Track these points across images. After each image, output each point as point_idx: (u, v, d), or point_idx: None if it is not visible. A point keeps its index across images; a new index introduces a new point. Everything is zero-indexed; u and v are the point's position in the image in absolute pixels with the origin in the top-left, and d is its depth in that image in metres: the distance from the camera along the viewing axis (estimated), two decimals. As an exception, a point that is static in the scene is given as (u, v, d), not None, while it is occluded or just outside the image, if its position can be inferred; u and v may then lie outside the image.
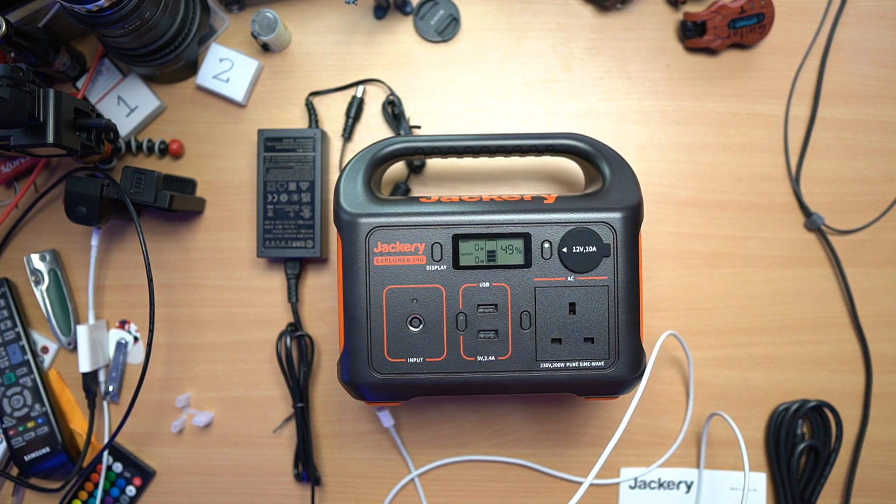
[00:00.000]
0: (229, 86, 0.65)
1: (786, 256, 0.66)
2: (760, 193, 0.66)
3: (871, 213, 0.66)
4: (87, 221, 0.60)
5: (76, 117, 0.55)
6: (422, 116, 0.66)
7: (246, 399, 0.65)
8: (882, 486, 0.66)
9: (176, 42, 0.62)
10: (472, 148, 0.56)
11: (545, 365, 0.51)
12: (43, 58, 0.59)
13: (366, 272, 0.51)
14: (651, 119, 0.66)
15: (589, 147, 0.55)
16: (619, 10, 0.66)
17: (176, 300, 0.66)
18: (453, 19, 0.66)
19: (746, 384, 0.65)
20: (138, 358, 0.66)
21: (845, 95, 0.66)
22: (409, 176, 0.66)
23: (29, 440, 0.63)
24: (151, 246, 0.65)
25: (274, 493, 0.66)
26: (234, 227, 0.66)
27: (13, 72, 0.49)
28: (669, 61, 0.66)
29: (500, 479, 0.65)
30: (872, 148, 0.66)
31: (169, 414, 0.66)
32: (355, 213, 0.52)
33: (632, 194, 0.53)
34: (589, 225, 0.52)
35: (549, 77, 0.66)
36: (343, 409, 0.65)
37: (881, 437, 0.66)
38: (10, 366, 0.63)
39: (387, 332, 0.51)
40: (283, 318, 0.65)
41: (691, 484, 0.65)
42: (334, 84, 0.66)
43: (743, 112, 0.66)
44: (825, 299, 0.66)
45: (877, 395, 0.65)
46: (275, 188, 0.63)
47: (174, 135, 0.66)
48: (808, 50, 0.66)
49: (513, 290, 0.51)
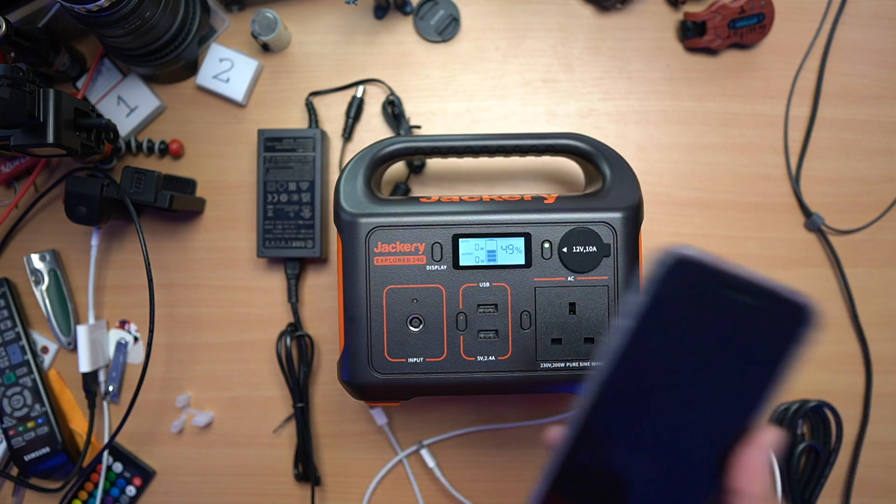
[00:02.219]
0: (229, 86, 0.65)
1: (786, 256, 0.66)
2: (760, 193, 0.66)
3: (871, 213, 0.66)
4: (87, 221, 0.60)
5: (76, 117, 0.55)
6: (422, 116, 0.66)
7: (246, 399, 0.65)
8: (882, 486, 0.66)
9: (176, 42, 0.62)
10: (472, 148, 0.56)
11: (545, 365, 0.51)
12: (43, 58, 0.59)
13: (366, 272, 0.51)
14: (651, 119, 0.66)
15: (589, 147, 0.55)
16: (619, 10, 0.66)
17: (176, 300, 0.66)
18: (453, 19, 0.66)
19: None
20: (138, 358, 0.66)
21: (845, 95, 0.66)
22: (409, 176, 0.66)
23: (29, 440, 0.62)
24: (151, 246, 0.65)
25: (274, 493, 0.66)
26: (234, 227, 0.66)
27: (13, 72, 0.49)
28: (669, 61, 0.66)
29: (500, 478, 0.65)
30: (872, 148, 0.66)
31: (169, 414, 0.66)
32: (355, 213, 0.52)
33: (632, 194, 0.53)
34: (589, 225, 0.52)
35: (549, 77, 0.66)
36: (343, 409, 0.65)
37: (881, 437, 0.65)
38: (10, 366, 0.63)
39: (387, 332, 0.51)
40: (283, 318, 0.65)
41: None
42: (334, 84, 0.66)
43: (743, 112, 0.66)
44: (825, 299, 0.66)
45: (877, 395, 0.65)
46: (275, 188, 0.63)
47: (174, 135, 0.66)
48: (808, 50, 0.66)
49: (513, 290, 0.51)
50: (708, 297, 0.32)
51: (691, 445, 0.33)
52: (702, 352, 0.32)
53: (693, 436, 0.33)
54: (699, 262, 0.32)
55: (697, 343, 0.32)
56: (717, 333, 0.32)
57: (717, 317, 0.32)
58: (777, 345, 0.32)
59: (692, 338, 0.32)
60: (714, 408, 0.32)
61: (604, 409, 0.33)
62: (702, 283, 0.32)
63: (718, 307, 0.32)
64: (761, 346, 0.32)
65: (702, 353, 0.32)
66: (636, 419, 0.33)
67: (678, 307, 0.32)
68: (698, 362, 0.32)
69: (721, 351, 0.32)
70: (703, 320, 0.32)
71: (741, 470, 0.31)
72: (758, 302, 0.32)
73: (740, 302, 0.32)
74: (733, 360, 0.32)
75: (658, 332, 0.32)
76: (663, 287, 0.32)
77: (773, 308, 0.32)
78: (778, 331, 0.32)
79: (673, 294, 0.32)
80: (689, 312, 0.32)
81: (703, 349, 0.32)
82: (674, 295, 0.32)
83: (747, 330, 0.32)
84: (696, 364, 0.32)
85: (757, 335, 0.32)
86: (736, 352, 0.32)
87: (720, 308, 0.32)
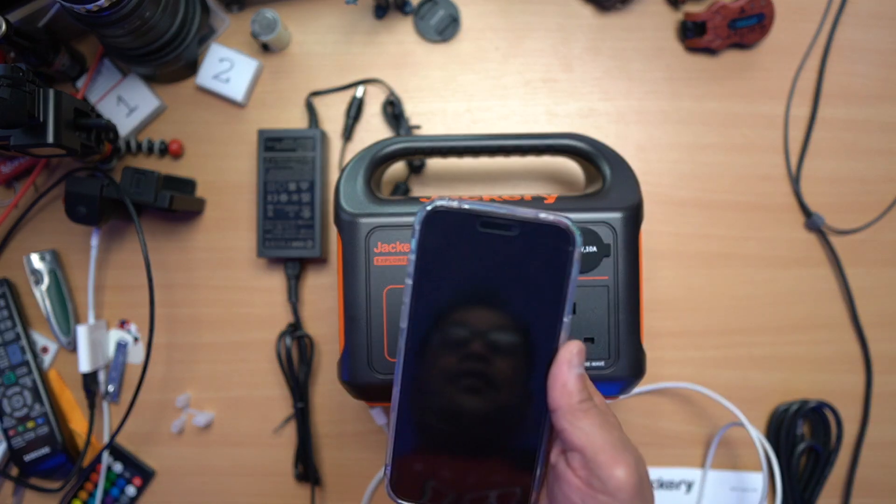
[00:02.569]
0: (229, 86, 0.65)
1: (786, 256, 0.66)
2: (760, 193, 0.66)
3: (871, 213, 0.66)
4: (87, 221, 0.60)
5: (76, 117, 0.55)
6: (422, 116, 0.66)
7: (246, 399, 0.65)
8: (882, 486, 0.66)
9: (176, 42, 0.62)
10: (472, 148, 0.56)
11: (545, 365, 0.51)
12: (43, 58, 0.59)
13: (366, 272, 0.51)
14: (651, 119, 0.66)
15: (589, 147, 0.55)
16: (619, 10, 0.66)
17: (176, 300, 0.66)
18: (453, 19, 0.66)
19: (746, 384, 0.65)
20: (138, 358, 0.66)
21: (845, 95, 0.66)
22: (409, 176, 0.66)
23: (29, 440, 0.63)
24: (151, 246, 0.65)
25: (274, 493, 0.66)
26: (234, 227, 0.66)
27: (13, 72, 0.49)
28: (669, 61, 0.66)
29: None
30: (872, 148, 0.66)
31: (169, 414, 0.66)
32: (355, 213, 0.52)
33: (632, 194, 0.53)
34: (589, 225, 0.52)
35: (549, 77, 0.66)
36: (343, 409, 0.65)
37: (881, 437, 0.65)
38: (10, 366, 0.63)
39: (387, 332, 0.51)
40: (283, 318, 0.65)
41: (691, 484, 0.65)
42: (334, 84, 0.66)
43: (743, 112, 0.66)
44: (825, 299, 0.66)
45: (877, 395, 0.65)
46: (275, 188, 0.63)
47: (174, 135, 0.66)
48: (808, 50, 0.66)
49: (512, 290, 0.51)
50: (471, 238, 0.34)
51: (513, 381, 0.35)
52: (486, 290, 0.34)
53: (510, 371, 0.35)
54: (450, 209, 0.34)
55: (478, 282, 0.34)
56: (492, 270, 0.34)
57: (485, 255, 0.34)
58: (551, 268, 0.34)
59: (471, 279, 0.34)
60: (519, 339, 0.35)
61: (417, 366, 0.35)
62: (461, 227, 0.34)
63: (484, 245, 0.34)
64: (537, 272, 0.34)
65: (487, 291, 0.35)
66: (448, 368, 0.35)
67: (446, 254, 0.34)
68: (487, 300, 0.35)
69: (503, 285, 0.34)
70: (475, 260, 0.34)
71: (551, 388, 0.34)
72: (519, 232, 0.34)
73: (501, 236, 0.34)
74: (517, 291, 0.34)
75: (438, 282, 0.34)
76: (426, 238, 0.34)
77: (534, 235, 0.34)
78: (547, 255, 0.34)
79: (437, 244, 0.34)
80: (458, 256, 0.34)
81: (487, 287, 0.34)
82: (438, 244, 0.34)
83: (518, 260, 0.34)
84: (486, 302, 0.35)
85: (528, 263, 0.34)
86: (516, 283, 0.34)
87: (486, 246, 0.34)
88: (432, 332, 0.35)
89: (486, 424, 0.36)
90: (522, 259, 0.34)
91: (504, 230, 0.34)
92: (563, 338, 0.35)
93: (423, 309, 0.35)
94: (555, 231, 0.33)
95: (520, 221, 0.33)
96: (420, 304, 0.35)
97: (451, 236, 0.34)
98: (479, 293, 0.34)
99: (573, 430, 0.34)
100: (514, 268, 0.34)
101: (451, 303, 0.35)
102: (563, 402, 0.34)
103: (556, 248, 0.34)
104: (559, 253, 0.34)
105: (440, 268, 0.34)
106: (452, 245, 0.34)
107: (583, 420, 0.34)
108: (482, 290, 0.34)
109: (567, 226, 0.33)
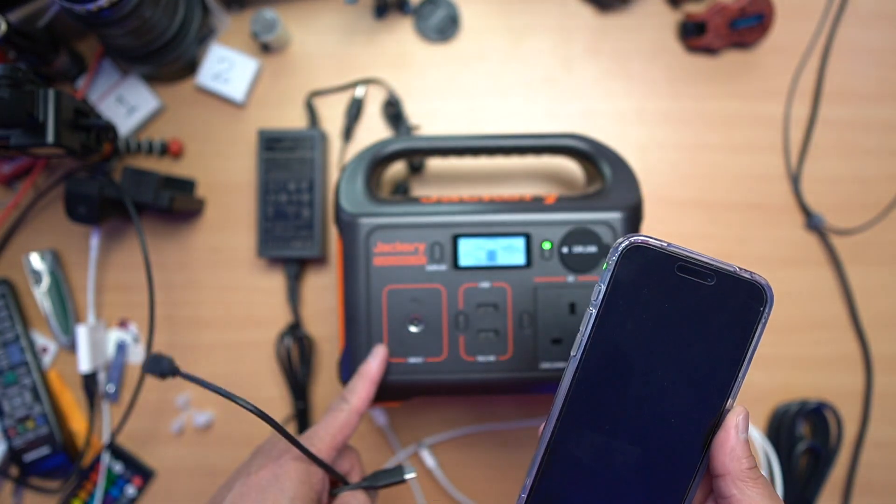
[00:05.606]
0: (229, 86, 0.65)
1: (786, 256, 0.66)
2: (760, 193, 0.66)
3: (871, 213, 0.66)
4: (87, 221, 0.60)
5: (76, 117, 0.55)
6: (422, 116, 0.66)
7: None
8: (882, 486, 0.66)
9: (176, 42, 0.62)
10: (472, 148, 0.56)
11: (545, 365, 0.51)
12: (43, 58, 0.59)
13: (366, 272, 0.51)
14: (651, 119, 0.66)
15: (589, 147, 0.55)
16: (619, 10, 0.66)
17: (176, 300, 0.66)
18: (453, 19, 0.66)
19: (746, 384, 0.65)
20: (138, 358, 0.66)
21: (845, 95, 0.66)
22: (409, 176, 0.66)
23: (29, 440, 0.62)
24: (151, 246, 0.65)
25: (274, 493, 0.65)
26: (234, 227, 0.66)
27: (13, 72, 0.49)
28: (669, 61, 0.66)
29: (500, 478, 0.65)
30: (872, 148, 0.66)
31: (169, 414, 0.66)
32: (355, 213, 0.52)
33: (632, 194, 0.53)
34: (589, 225, 0.52)
35: (549, 77, 0.66)
36: (343, 409, 0.65)
37: (881, 437, 0.65)
38: (10, 366, 0.63)
39: (387, 332, 0.51)
40: (283, 318, 0.65)
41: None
42: (334, 84, 0.66)
43: (743, 112, 0.66)
44: (825, 299, 0.66)
45: (877, 395, 0.65)
46: (275, 188, 0.63)
47: (174, 135, 0.66)
48: (808, 50, 0.66)
49: (513, 290, 0.51)
50: (665, 280, 0.33)
51: (672, 430, 0.34)
52: (668, 334, 0.33)
53: (672, 420, 0.34)
54: (652, 246, 0.33)
55: (662, 326, 0.33)
56: (678, 315, 0.33)
57: (676, 299, 0.33)
58: (738, 324, 0.33)
59: (656, 321, 0.33)
60: (689, 391, 0.34)
61: (581, 399, 0.34)
62: (658, 266, 0.33)
63: (676, 289, 0.33)
64: (723, 326, 0.33)
65: (669, 336, 0.33)
66: (613, 406, 0.34)
67: (637, 292, 0.33)
68: (667, 346, 0.33)
69: (686, 332, 0.33)
70: (664, 303, 0.33)
71: (719, 452, 0.34)
72: (713, 283, 0.33)
73: (696, 283, 0.33)
74: (699, 341, 0.33)
75: (622, 317, 0.33)
76: (621, 271, 0.33)
77: (729, 288, 0.33)
78: (737, 311, 0.33)
79: (631, 279, 0.33)
80: (648, 296, 0.33)
81: (669, 332, 0.33)
82: (632, 280, 0.33)
83: (707, 311, 0.33)
84: (665, 348, 0.33)
85: (717, 316, 0.33)
86: (700, 333, 0.33)
87: (678, 290, 0.33)
88: (605, 367, 0.34)
89: (636, 470, 0.34)
90: (713, 310, 0.33)
91: (701, 278, 0.33)
92: (734, 397, 0.34)
93: (602, 342, 0.34)
94: (751, 288, 0.33)
95: (719, 273, 0.33)
96: (600, 335, 0.33)
97: (645, 274, 0.33)
98: (662, 336, 0.33)
99: (742, 497, 0.33)
100: (702, 317, 0.33)
101: (633, 340, 0.34)
102: (732, 466, 0.33)
103: (747, 306, 0.33)
104: (750, 311, 0.33)
105: (628, 303, 0.33)
106: (645, 283, 0.33)
107: (752, 488, 0.33)
108: (666, 333, 0.33)
109: (765, 286, 0.33)
